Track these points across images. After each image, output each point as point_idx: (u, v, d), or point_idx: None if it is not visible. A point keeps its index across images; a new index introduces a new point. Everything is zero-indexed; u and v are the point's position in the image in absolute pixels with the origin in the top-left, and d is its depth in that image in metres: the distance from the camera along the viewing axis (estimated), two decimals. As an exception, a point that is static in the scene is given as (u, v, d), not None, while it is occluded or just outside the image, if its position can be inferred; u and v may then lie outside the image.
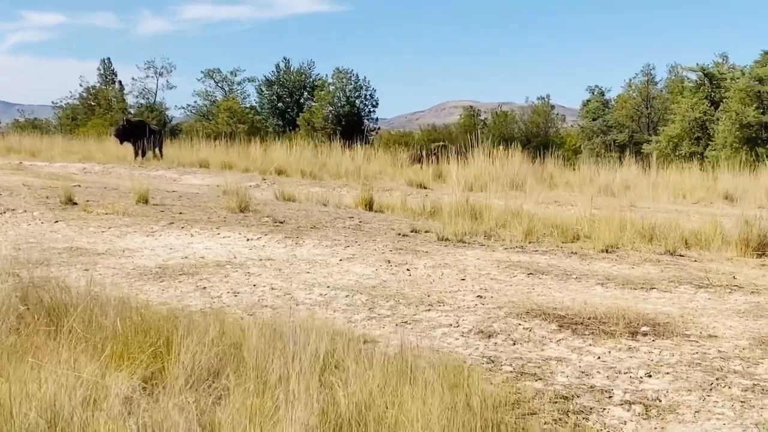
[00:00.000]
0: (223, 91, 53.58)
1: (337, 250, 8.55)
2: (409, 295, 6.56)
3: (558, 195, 16.29)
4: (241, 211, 10.99)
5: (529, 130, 57.14)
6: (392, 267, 7.66)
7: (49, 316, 4.79)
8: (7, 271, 6.96)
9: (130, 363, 4.20)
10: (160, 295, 6.41)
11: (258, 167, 20.27)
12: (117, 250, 8.25)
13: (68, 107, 54.11)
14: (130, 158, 22.67)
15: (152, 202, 11.57)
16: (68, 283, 5.92)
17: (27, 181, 14.09)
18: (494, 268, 7.68)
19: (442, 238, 9.16)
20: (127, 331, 4.47)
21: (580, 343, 5.29)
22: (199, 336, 4.43)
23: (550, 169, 22.02)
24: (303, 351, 4.33)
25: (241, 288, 6.70)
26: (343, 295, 6.50)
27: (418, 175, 18.77)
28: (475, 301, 6.38)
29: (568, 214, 10.95)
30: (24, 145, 26.88)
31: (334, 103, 55.64)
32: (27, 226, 9.57)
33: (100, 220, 10.00)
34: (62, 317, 4.77)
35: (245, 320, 5.34)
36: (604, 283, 7.10)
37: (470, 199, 11.25)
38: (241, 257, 8.05)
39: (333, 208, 12.31)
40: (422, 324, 5.72)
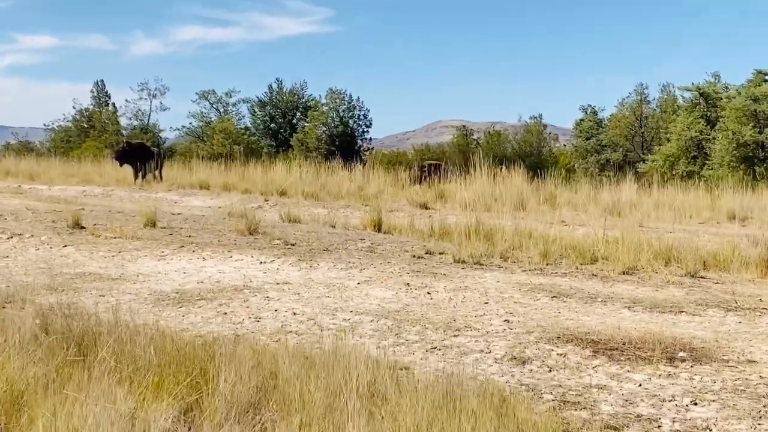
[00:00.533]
0: (219, 113, 53.50)
1: (352, 272, 8.43)
2: (435, 319, 6.44)
3: (563, 215, 16.18)
4: (250, 233, 10.87)
5: (523, 150, 57.14)
6: (412, 290, 7.54)
7: (79, 346, 4.65)
8: (22, 298, 6.83)
9: (167, 394, 4.07)
10: (181, 321, 6.28)
11: (259, 188, 20.14)
12: (131, 275, 8.11)
13: (61, 130, 53.90)
14: (129, 180, 22.52)
15: (160, 225, 11.43)
16: (89, 310, 5.80)
17: (30, 205, 13.94)
18: (516, 291, 7.57)
19: (459, 260, 9.05)
20: (161, 361, 4.34)
21: (617, 369, 5.17)
22: (235, 365, 4.31)
23: (550, 189, 21.96)
24: (345, 382, 4.20)
25: (263, 313, 6.58)
26: (367, 320, 6.37)
27: (420, 196, 18.65)
28: (503, 325, 6.27)
29: (579, 235, 10.85)
30: (21, 168, 26.71)
31: (328, 123, 55.60)
32: (36, 251, 9.43)
33: (110, 244, 9.86)
34: (91, 346, 4.64)
35: (274, 347, 5.22)
36: (630, 306, 6.99)
37: (479, 220, 11.14)
38: (257, 281, 7.92)
39: (341, 229, 12.19)
40: (453, 350, 5.60)
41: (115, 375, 4.23)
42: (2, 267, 8.46)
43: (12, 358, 4.37)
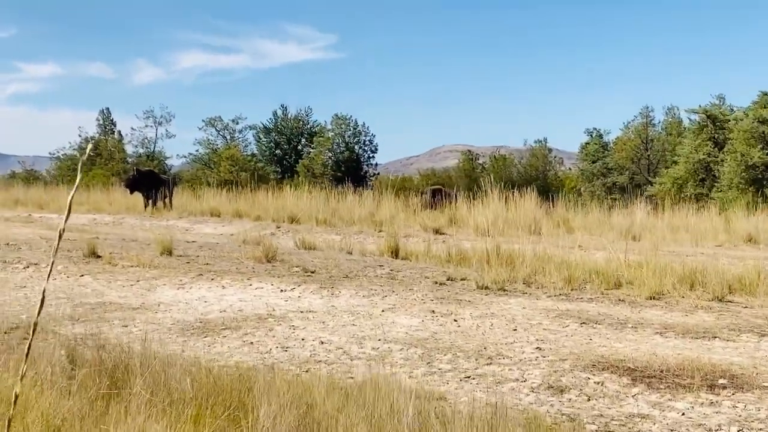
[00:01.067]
0: (225, 139, 53.56)
1: (375, 300, 8.33)
2: (465, 347, 6.33)
3: (577, 239, 16.08)
4: (268, 260, 10.78)
5: (528, 174, 57.10)
6: (438, 317, 7.44)
7: (111, 379, 4.56)
8: (45, 329, 6.75)
9: (206, 429, 3.97)
10: (207, 351, 6.17)
11: (270, 215, 20.07)
12: (152, 305, 8.02)
13: (66, 158, 53.97)
14: (138, 208, 22.46)
15: (176, 254, 11.36)
16: (117, 341, 5.71)
17: (44, 234, 13.87)
18: (544, 317, 7.46)
19: (482, 287, 8.95)
20: (197, 393, 4.24)
21: (658, 397, 5.06)
22: (273, 397, 4.21)
23: (561, 213, 21.86)
24: (387, 414, 4.10)
25: (290, 342, 6.48)
26: (396, 348, 6.27)
27: (433, 221, 18.56)
28: (535, 353, 6.16)
29: (599, 259, 10.73)
30: (30, 197, 26.67)
31: (334, 149, 55.63)
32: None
33: (127, 273, 9.78)
34: (124, 379, 4.54)
35: (306, 378, 5.11)
36: (662, 332, 6.88)
37: (495, 245, 11.05)
38: (281, 310, 7.82)
39: (359, 256, 12.10)
40: (487, 379, 5.49)
41: (152, 408, 4.13)
42: (21, 297, 8.37)
43: (45, 392, 4.28)
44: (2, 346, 5.42)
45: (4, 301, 8.06)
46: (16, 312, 7.49)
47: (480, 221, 17.80)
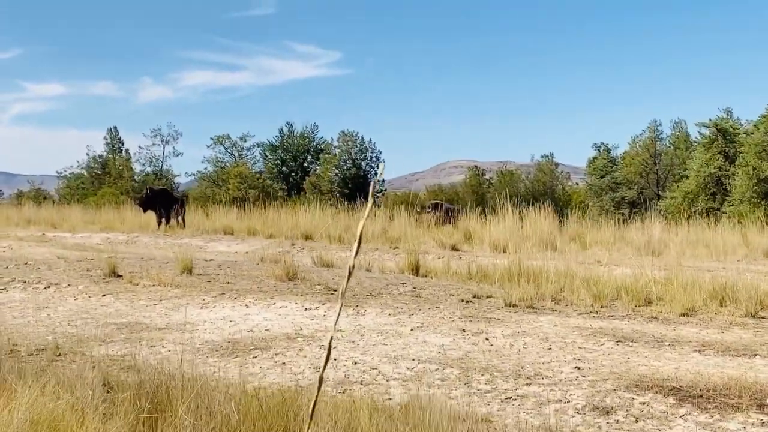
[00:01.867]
0: (233, 157, 53.53)
1: (402, 318, 8.22)
2: (501, 367, 6.22)
3: (594, 254, 15.97)
4: (289, 279, 10.67)
5: (536, 189, 56.98)
6: (469, 336, 7.33)
7: (152, 402, 4.45)
8: (72, 350, 6.65)
9: (254, 455, 3.87)
10: (239, 372, 6.06)
11: (283, 232, 19.98)
12: (177, 324, 7.91)
13: (73, 177, 53.98)
14: (151, 226, 22.39)
15: (196, 272, 11.25)
16: (152, 363, 5.61)
17: (61, 254, 13.79)
18: (577, 335, 7.34)
19: (510, 304, 8.83)
20: (245, 418, 4.13)
21: (707, 418, 4.94)
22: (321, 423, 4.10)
23: (574, 228, 21.73)
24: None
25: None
26: (432, 368, 6.16)
27: (447, 237, 18.45)
28: (574, 372, 6.04)
29: (625, 276, 10.61)
30: (42, 216, 26.60)
31: (340, 165, 55.60)
32: (75, 301, 9.25)
33: (149, 292, 9.68)
34: (165, 403, 4.44)
35: (343, 399, 5.00)
36: (701, 350, 6.76)
37: (518, 261, 10.95)
38: (308, 329, 7.72)
39: (379, 273, 11.99)
40: (529, 400, 5.37)
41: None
42: (44, 318, 8.28)
43: (87, 417, 4.18)
44: (31, 368, 5.32)
45: (28, 323, 7.96)
46: (41, 333, 7.39)
47: (495, 237, 17.71)
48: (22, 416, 4.09)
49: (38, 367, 5.52)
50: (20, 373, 5.03)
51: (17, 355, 6.33)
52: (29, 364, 5.65)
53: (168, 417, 4.25)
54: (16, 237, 19.42)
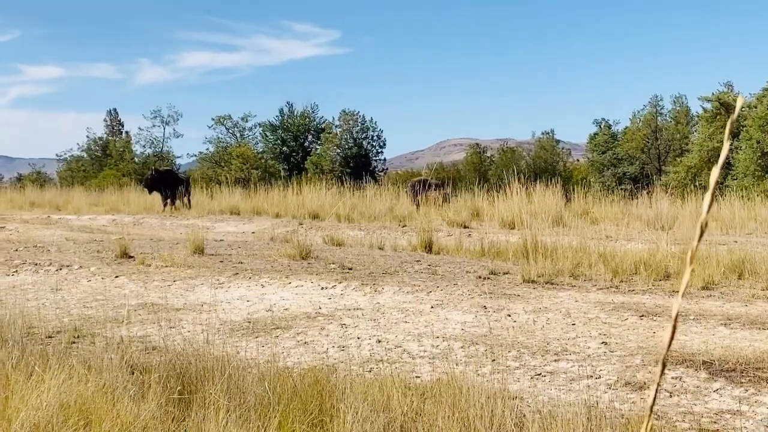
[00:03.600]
0: (235, 137, 53.35)
1: (420, 296, 8.15)
2: (527, 343, 6.15)
3: (604, 229, 15.88)
4: (302, 258, 10.60)
5: (537, 165, 56.87)
6: (491, 313, 7.25)
7: (183, 384, 4.37)
8: (90, 332, 6.58)
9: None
10: (262, 352, 5.99)
11: (290, 212, 19.90)
12: (194, 305, 7.85)
13: (73, 159, 53.85)
14: (156, 208, 22.30)
15: (207, 252, 11.17)
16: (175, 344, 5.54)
17: (69, 236, 13.71)
18: (599, 310, 7.27)
19: (528, 280, 8.76)
20: (280, 398, 4.06)
21: (742, 392, 4.87)
22: (357, 402, 4.03)
23: (580, 204, 21.65)
24: (479, 416, 3.93)
25: (345, 341, 6.29)
26: (457, 345, 6.08)
27: (456, 215, 18.36)
28: (601, 348, 5.97)
29: (638, 250, 10.53)
30: (46, 199, 26.52)
31: (342, 145, 55.44)
32: (88, 283, 9.18)
33: (162, 273, 9.60)
34: (196, 383, 4.36)
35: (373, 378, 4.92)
36: (726, 323, 6.69)
37: (533, 237, 10.86)
38: (327, 308, 7.64)
39: (391, 251, 11.92)
40: (559, 376, 5.30)
41: (230, 414, 3.95)
42: (59, 300, 8.19)
43: (118, 400, 4.11)
44: (53, 351, 5.25)
45: (43, 305, 7.88)
46: (57, 315, 7.32)
47: (504, 214, 17.62)
48: (52, 400, 4.02)
49: (60, 349, 5.45)
50: (43, 356, 4.96)
51: (35, 338, 6.26)
52: (50, 347, 5.58)
53: (199, 398, 4.18)
54: (22, 220, 19.34)
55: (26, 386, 4.14)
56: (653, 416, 4.39)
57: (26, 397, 4.02)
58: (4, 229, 16.63)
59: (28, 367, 4.59)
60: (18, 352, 5.04)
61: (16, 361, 4.76)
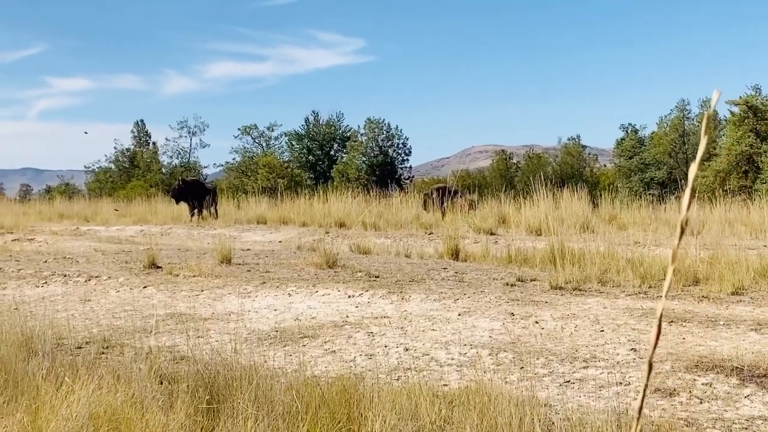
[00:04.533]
0: (261, 147, 53.58)
1: (447, 303, 8.13)
2: (555, 350, 6.11)
3: (632, 235, 15.77)
4: (329, 266, 10.61)
5: (564, 171, 56.63)
6: (519, 320, 7.22)
7: (211, 393, 4.39)
8: (119, 342, 6.62)
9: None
10: (289, 361, 6.00)
11: (316, 221, 19.95)
12: (222, 314, 7.88)
13: (101, 171, 54.31)
14: (183, 218, 22.43)
15: (235, 262, 11.22)
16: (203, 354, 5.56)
17: (98, 247, 13.81)
18: (628, 317, 7.22)
19: (556, 287, 8.72)
20: (308, 407, 4.06)
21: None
22: (385, 411, 4.02)
23: (607, 209, 21.54)
24: (507, 424, 3.91)
25: (373, 350, 6.29)
26: (485, 353, 6.06)
27: (482, 221, 18.31)
28: (630, 354, 5.93)
29: (666, 255, 10.45)
30: (74, 211, 26.75)
31: (367, 153, 55.51)
32: (116, 293, 9.24)
33: (190, 283, 9.65)
34: (225, 393, 4.38)
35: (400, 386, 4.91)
36: (757, 329, 6.62)
37: (560, 244, 10.81)
38: (354, 316, 7.64)
39: (418, 259, 11.91)
40: (588, 383, 5.27)
41: (259, 423, 3.96)
42: (87, 310, 8.26)
43: (147, 410, 4.13)
44: (83, 361, 5.28)
45: (72, 315, 7.94)
46: (86, 326, 7.37)
47: (531, 220, 17.56)
48: (82, 410, 4.04)
49: (89, 360, 5.49)
50: (72, 367, 5.00)
51: (65, 349, 6.30)
52: (79, 357, 5.62)
53: (227, 408, 4.19)
54: (51, 231, 19.52)
55: (56, 397, 4.17)
56: (683, 423, 4.33)
57: (56, 407, 4.05)
58: (34, 240, 16.80)
59: (58, 378, 4.62)
60: (48, 362, 5.09)
61: (46, 371, 4.80)
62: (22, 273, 10.76)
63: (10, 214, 24.66)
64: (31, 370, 4.88)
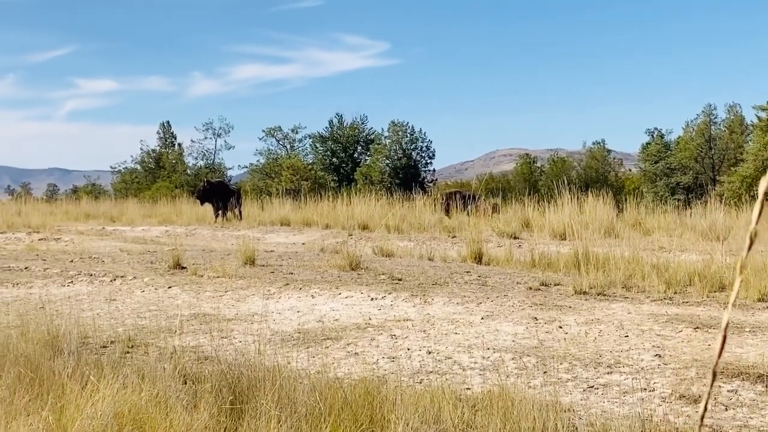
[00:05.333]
0: (285, 149, 53.77)
1: (470, 307, 8.11)
2: (579, 355, 6.09)
3: (657, 240, 15.68)
4: (352, 269, 10.62)
5: (588, 176, 56.39)
6: (542, 324, 7.20)
7: (234, 393, 4.41)
8: (144, 342, 6.66)
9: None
10: (312, 362, 6.01)
11: (339, 223, 19.97)
12: (245, 315, 7.91)
13: (127, 171, 54.68)
14: (208, 219, 22.54)
15: (258, 263, 11.26)
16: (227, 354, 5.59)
17: (124, 247, 13.91)
18: (653, 322, 7.18)
19: (580, 292, 8.68)
20: (331, 409, 4.07)
21: (800, 405, 4.77)
22: (407, 414, 4.02)
23: (632, 214, 21.40)
24: (529, 428, 3.90)
25: (395, 352, 6.29)
26: (508, 357, 6.05)
27: (506, 225, 18.27)
28: (655, 360, 5.89)
29: (692, 261, 10.38)
30: (100, 211, 26.96)
31: (391, 156, 55.52)
32: (141, 293, 9.30)
33: (214, 283, 9.69)
34: (248, 394, 4.39)
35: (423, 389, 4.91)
36: (784, 336, 6.56)
37: (584, 248, 10.76)
38: (377, 319, 7.65)
39: (441, 262, 11.90)
40: (612, 389, 5.24)
41: (281, 425, 3.97)
42: (113, 310, 8.31)
43: (171, 410, 4.15)
44: (108, 360, 5.32)
45: (98, 315, 7.99)
46: (112, 325, 7.42)
47: (555, 225, 17.49)
48: (106, 409, 4.07)
49: (114, 359, 5.53)
50: (97, 366, 5.03)
51: (90, 348, 6.34)
52: (104, 356, 5.66)
53: (251, 408, 4.20)
54: (77, 231, 19.67)
55: (81, 395, 4.20)
56: (708, 429, 4.31)
57: (81, 406, 4.08)
58: (60, 240, 16.94)
59: (83, 377, 4.66)
60: (73, 361, 5.13)
61: (72, 370, 4.83)
62: (49, 272, 10.85)
63: (37, 214, 24.90)
64: (56, 368, 4.92)
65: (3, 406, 4.20)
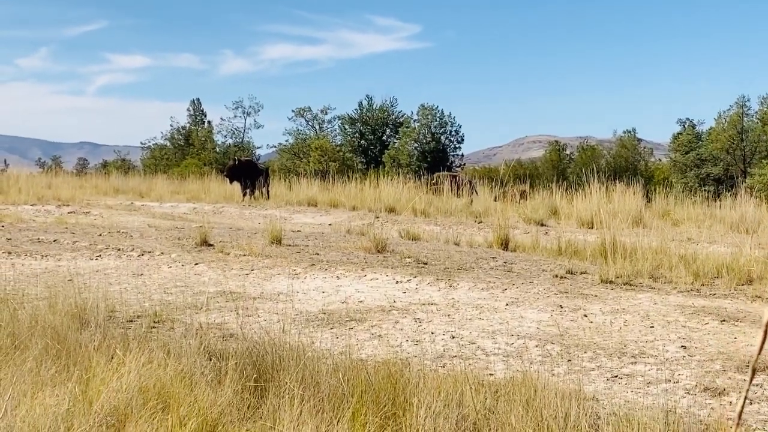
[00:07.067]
0: (314, 130, 53.83)
1: (495, 293, 8.10)
2: (603, 344, 6.06)
3: (686, 231, 15.56)
4: (378, 251, 10.63)
5: (618, 164, 55.98)
6: (567, 312, 7.17)
7: (258, 371, 4.43)
8: (170, 318, 6.71)
9: (364, 428, 3.81)
10: (336, 343, 6.03)
11: (366, 205, 19.98)
12: (270, 294, 7.94)
13: (156, 147, 54.98)
14: (236, 197, 22.64)
15: (284, 243, 11.30)
16: (252, 333, 5.62)
17: (152, 223, 14.01)
18: (679, 314, 7.13)
19: (606, 281, 8.64)
20: (354, 390, 4.08)
21: (826, 401, 4.73)
22: (430, 397, 4.03)
23: (661, 204, 21.25)
24: (552, 417, 3.89)
25: (419, 336, 6.30)
26: (532, 344, 6.03)
27: (533, 212, 18.20)
28: (680, 352, 5.86)
29: (721, 253, 10.30)
30: (129, 186, 27.18)
31: (420, 139, 55.41)
32: (168, 269, 9.36)
33: (240, 262, 9.74)
34: (273, 372, 4.42)
35: (446, 373, 4.91)
36: (812, 331, 6.49)
37: (612, 238, 10.70)
38: (401, 302, 7.65)
39: (467, 247, 11.87)
40: (636, 379, 5.22)
41: (304, 404, 3.99)
42: (140, 285, 8.38)
43: (196, 386, 4.18)
44: (134, 335, 5.36)
45: (125, 289, 8.06)
46: (138, 300, 7.47)
47: (582, 213, 17.41)
48: (132, 383, 4.11)
49: (140, 333, 5.57)
50: (124, 340, 5.08)
51: (117, 321, 6.40)
52: (130, 330, 5.70)
53: (274, 386, 4.23)
54: (106, 205, 19.83)
55: (107, 368, 4.24)
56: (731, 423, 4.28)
57: (107, 379, 4.12)
58: (89, 214, 17.09)
59: (110, 350, 4.71)
60: (100, 334, 5.18)
61: (98, 343, 4.89)
62: (77, 245, 10.95)
63: (67, 187, 25.12)
64: (83, 341, 4.97)
65: (30, 377, 4.25)
